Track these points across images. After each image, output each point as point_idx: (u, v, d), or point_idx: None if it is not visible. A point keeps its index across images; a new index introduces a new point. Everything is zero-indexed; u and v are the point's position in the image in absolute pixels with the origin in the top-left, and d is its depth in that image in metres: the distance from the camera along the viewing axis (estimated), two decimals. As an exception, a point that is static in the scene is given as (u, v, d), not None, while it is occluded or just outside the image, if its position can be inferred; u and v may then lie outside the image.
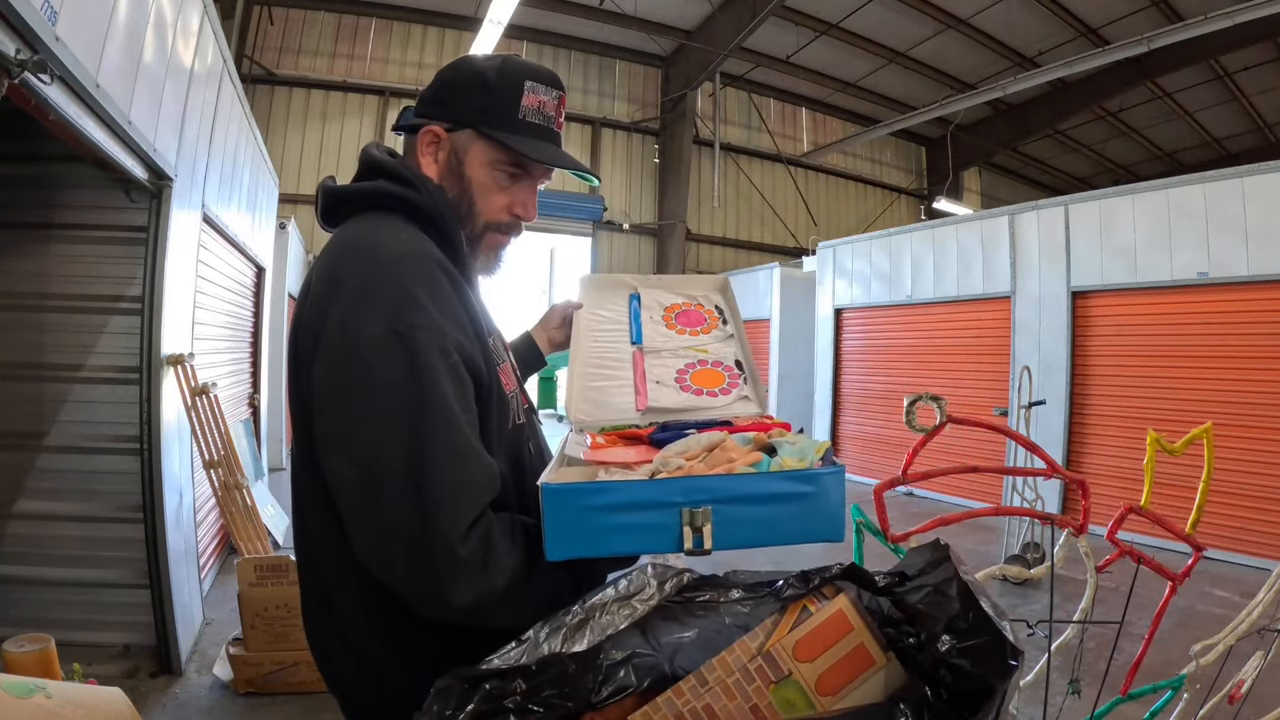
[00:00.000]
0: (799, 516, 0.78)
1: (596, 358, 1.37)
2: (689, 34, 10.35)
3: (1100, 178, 14.24)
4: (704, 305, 1.48)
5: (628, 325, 1.45)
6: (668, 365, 1.34)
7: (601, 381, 1.33)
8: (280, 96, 9.68)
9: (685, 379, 1.30)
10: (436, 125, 0.92)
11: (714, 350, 1.37)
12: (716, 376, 1.31)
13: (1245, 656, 1.62)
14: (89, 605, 2.81)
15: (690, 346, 1.38)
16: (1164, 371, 5.34)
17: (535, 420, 1.06)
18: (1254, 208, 4.78)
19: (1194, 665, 1.52)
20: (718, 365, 1.33)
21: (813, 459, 0.84)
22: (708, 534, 0.75)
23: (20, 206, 2.83)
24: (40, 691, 1.06)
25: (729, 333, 1.40)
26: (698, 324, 1.44)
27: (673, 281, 1.55)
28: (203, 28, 3.04)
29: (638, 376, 1.32)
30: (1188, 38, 7.66)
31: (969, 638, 0.80)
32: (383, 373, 0.76)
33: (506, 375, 0.94)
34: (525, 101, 0.90)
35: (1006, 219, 6.48)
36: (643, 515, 0.76)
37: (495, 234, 0.95)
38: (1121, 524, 1.33)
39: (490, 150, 0.91)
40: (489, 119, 0.90)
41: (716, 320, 1.43)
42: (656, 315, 1.46)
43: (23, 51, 1.58)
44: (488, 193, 0.92)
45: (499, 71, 0.90)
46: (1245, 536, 4.72)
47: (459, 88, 0.92)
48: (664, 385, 1.30)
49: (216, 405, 3.30)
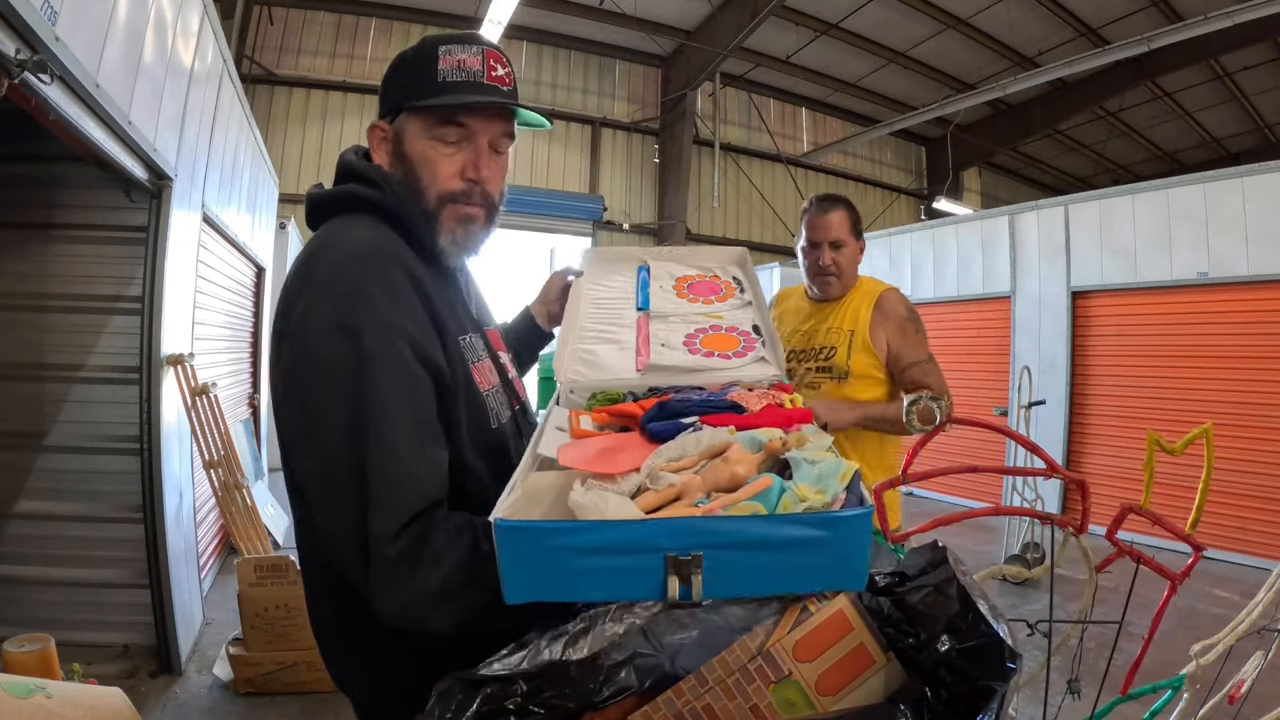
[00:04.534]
0: (811, 566, 0.64)
1: (594, 323, 1.25)
2: (689, 34, 10.35)
3: (1100, 178, 14.23)
4: (720, 276, 1.34)
5: (633, 295, 1.32)
6: (676, 330, 1.20)
7: (598, 345, 1.20)
8: (280, 96, 9.67)
9: (695, 343, 1.16)
10: (380, 121, 0.94)
11: (730, 316, 1.22)
12: (730, 341, 1.16)
13: (1245, 656, 1.62)
14: (89, 605, 2.81)
15: (703, 313, 1.24)
16: (1164, 371, 5.33)
17: (528, 418, 1.04)
18: (1254, 208, 4.78)
19: (1194, 665, 1.52)
20: (733, 330, 1.18)
21: (836, 491, 0.69)
22: (697, 584, 0.63)
23: (20, 206, 2.83)
24: (40, 691, 1.06)
25: (747, 300, 1.25)
26: (713, 293, 1.30)
27: (686, 254, 1.42)
28: (203, 28, 3.04)
29: (640, 339, 1.19)
30: (1188, 38, 7.66)
31: (968, 639, 0.80)
32: (329, 369, 0.77)
33: (483, 373, 0.92)
34: (442, 64, 0.88)
35: (1006, 219, 6.48)
36: (620, 559, 0.63)
37: (454, 205, 0.91)
38: (1121, 524, 1.33)
39: (419, 121, 0.90)
40: (411, 93, 0.89)
41: (734, 290, 1.29)
42: (667, 285, 1.34)
43: (23, 51, 1.58)
44: (430, 163, 0.90)
45: (415, 49, 0.91)
46: (1245, 536, 4.72)
47: (387, 80, 0.94)
48: (670, 349, 1.15)
49: (216, 405, 3.30)
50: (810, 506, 0.66)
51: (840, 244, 1.91)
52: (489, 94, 0.89)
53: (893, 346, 1.86)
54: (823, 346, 1.92)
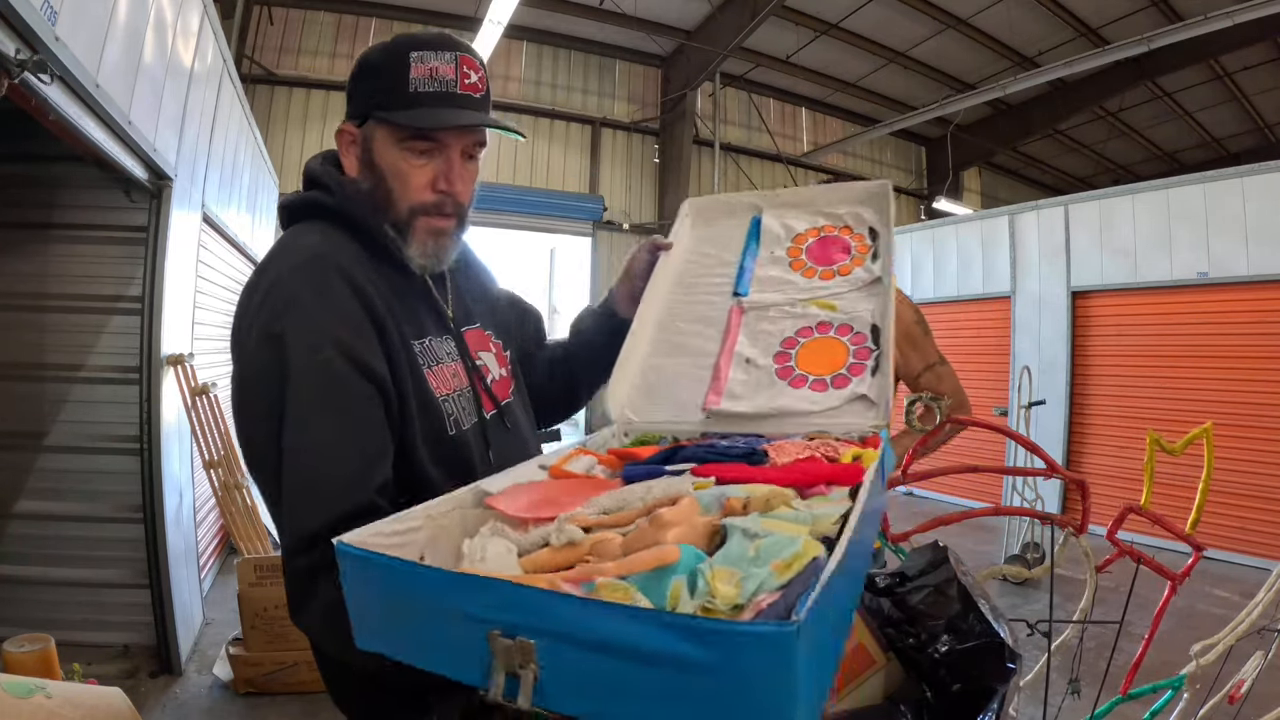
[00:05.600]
0: (687, 697, 0.39)
1: (675, 318, 1.06)
2: (689, 34, 10.34)
3: (1100, 178, 14.23)
4: (852, 227, 1.07)
5: (734, 266, 1.09)
6: (773, 331, 0.99)
7: (671, 358, 1.01)
8: (280, 96, 9.67)
9: (790, 357, 0.94)
10: (348, 123, 0.92)
11: (847, 305, 0.98)
12: (835, 353, 0.92)
13: (1245, 656, 1.62)
14: (89, 605, 2.81)
15: (816, 299, 1.00)
16: (1164, 371, 5.33)
17: (509, 424, 0.98)
18: (1254, 208, 4.78)
19: (1194, 665, 1.52)
20: (844, 332, 0.94)
21: (763, 585, 0.46)
22: (527, 682, 0.44)
23: (20, 206, 2.83)
24: (40, 691, 1.05)
25: (874, 274, 0.99)
26: (836, 258, 1.04)
27: (811, 195, 1.15)
28: (203, 28, 3.04)
29: (723, 353, 0.98)
30: (1188, 38, 7.66)
31: (968, 639, 0.80)
32: (257, 377, 0.79)
33: (442, 377, 0.89)
34: (414, 73, 0.85)
35: (1006, 219, 6.48)
36: (436, 624, 0.49)
37: (426, 217, 0.89)
38: (1121, 524, 1.33)
39: (390, 132, 0.87)
40: (381, 101, 0.87)
41: (866, 251, 1.03)
42: (780, 248, 1.09)
43: (23, 51, 1.58)
44: (402, 176, 0.88)
45: (384, 51, 0.88)
46: (1245, 536, 4.72)
47: (355, 80, 0.91)
48: (755, 368, 0.95)
49: (216, 405, 3.30)
50: (707, 605, 0.45)
51: None
52: (461, 104, 0.87)
53: (902, 354, 1.77)
54: None
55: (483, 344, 1.01)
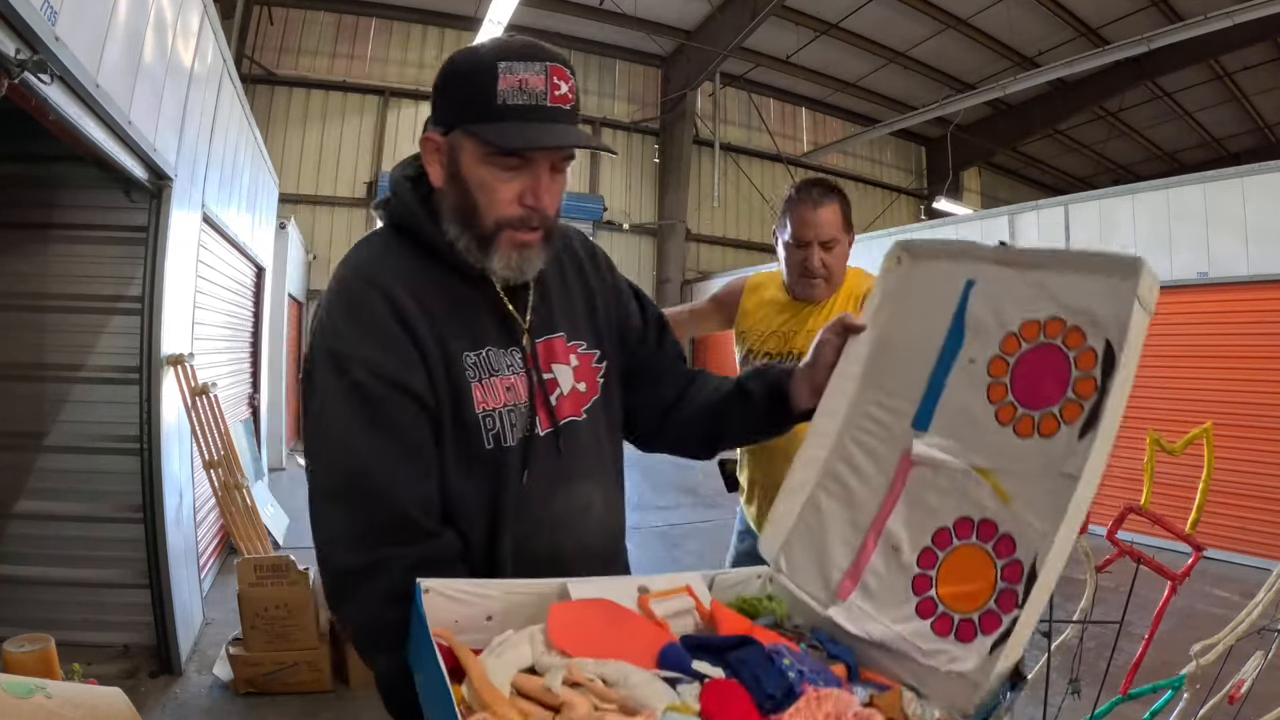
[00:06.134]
0: None
1: (851, 435, 0.88)
2: (689, 34, 10.35)
3: (1100, 178, 14.23)
4: (1084, 333, 0.74)
5: (920, 381, 0.85)
6: (934, 509, 0.78)
7: (834, 500, 0.87)
8: (280, 96, 9.67)
9: (935, 562, 0.76)
10: (433, 131, 0.90)
11: (1022, 502, 0.72)
12: (984, 574, 0.71)
13: (1245, 656, 1.62)
14: (89, 605, 2.81)
15: (993, 471, 0.75)
16: (1164, 371, 5.33)
17: (561, 442, 0.93)
18: (1254, 208, 4.78)
19: (1194, 665, 1.52)
20: (1004, 549, 0.71)
21: None
22: None
23: (20, 206, 2.83)
24: (40, 691, 1.05)
25: (1079, 456, 0.69)
26: (1046, 395, 0.74)
27: (1042, 259, 0.80)
28: (203, 28, 3.04)
29: (877, 520, 0.82)
30: (1188, 38, 7.66)
31: (970, 639, 0.80)
32: (305, 392, 0.87)
33: (490, 390, 0.88)
34: (502, 84, 0.82)
35: (1006, 219, 6.48)
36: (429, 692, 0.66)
37: (511, 231, 0.88)
38: (1121, 524, 1.33)
39: (476, 145, 0.85)
40: (469, 112, 0.84)
41: (1089, 392, 0.71)
42: (983, 354, 0.80)
43: (23, 51, 1.58)
44: (489, 190, 0.86)
45: (473, 60, 0.85)
46: (1245, 536, 4.72)
47: (442, 88, 0.89)
48: (897, 563, 0.78)
49: (216, 405, 3.30)
50: None
51: (833, 243, 1.66)
52: (551, 117, 0.84)
53: None
54: (802, 353, 1.74)
55: (560, 355, 0.97)
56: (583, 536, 0.95)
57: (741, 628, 0.75)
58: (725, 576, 0.88)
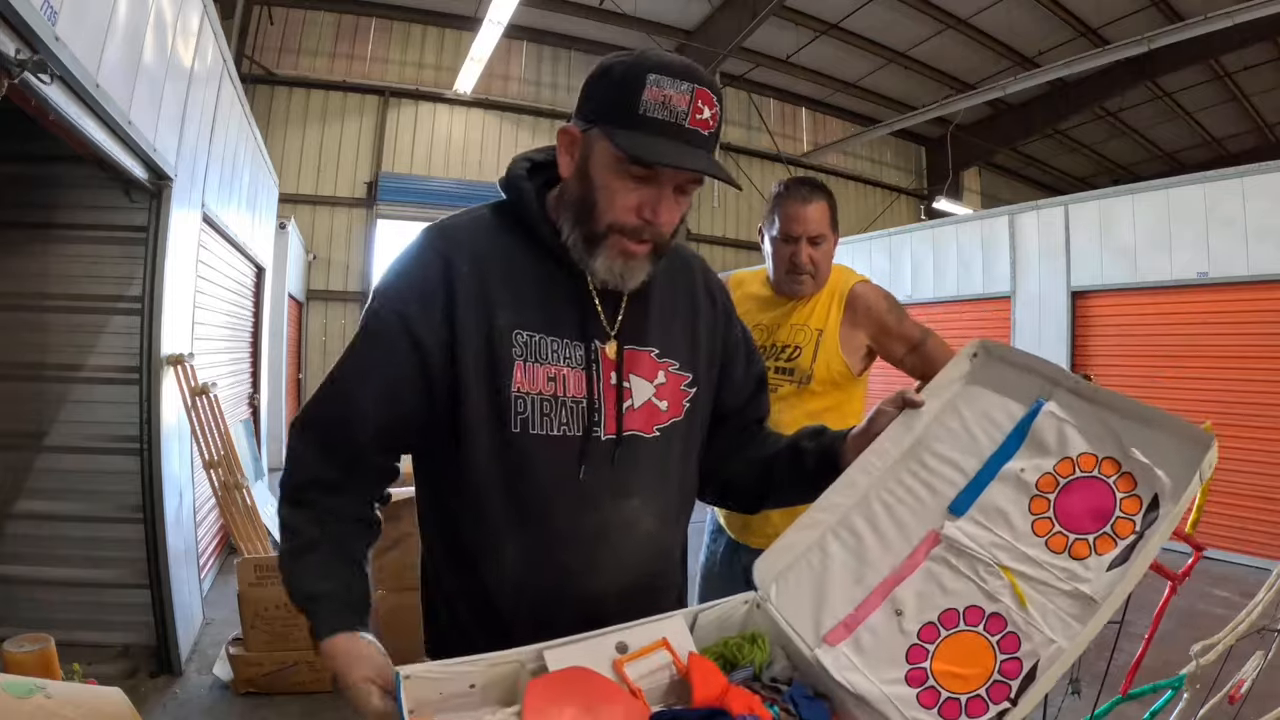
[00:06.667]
0: None
1: (880, 496, 0.91)
2: (689, 34, 10.34)
3: (1100, 178, 14.23)
4: (1138, 480, 0.79)
5: (967, 472, 0.88)
6: (946, 590, 0.81)
7: (845, 550, 0.89)
8: (280, 96, 9.66)
9: (932, 642, 0.78)
10: (573, 124, 0.91)
11: (1038, 610, 0.76)
12: (982, 662, 0.74)
13: (1245, 656, 1.62)
14: (89, 605, 2.81)
15: (1017, 574, 0.78)
16: (1164, 371, 5.33)
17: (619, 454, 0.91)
18: (1254, 208, 4.78)
19: (1194, 665, 1.52)
20: (1009, 645, 0.74)
21: None
22: None
23: (20, 206, 2.83)
24: (40, 691, 1.05)
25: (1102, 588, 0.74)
26: (1084, 525, 0.79)
27: (1120, 406, 0.84)
28: (203, 28, 3.05)
29: (886, 582, 0.85)
30: (1188, 38, 7.66)
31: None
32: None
33: (533, 375, 0.88)
34: (647, 95, 0.82)
35: (1006, 219, 6.48)
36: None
37: (621, 238, 0.87)
38: (1121, 524, 1.33)
39: (608, 148, 0.85)
40: (610, 115, 0.85)
41: (1127, 533, 0.76)
42: (1036, 470, 0.84)
43: (23, 51, 1.58)
44: (611, 194, 0.86)
45: (627, 65, 0.86)
46: (1245, 536, 4.72)
47: (592, 85, 0.90)
48: (898, 628, 0.80)
49: (216, 405, 3.30)
50: None
51: (820, 240, 1.68)
52: (686, 139, 0.84)
53: (880, 346, 1.70)
54: (785, 345, 1.71)
55: (644, 368, 0.95)
56: (622, 554, 0.92)
57: (717, 686, 0.76)
58: (709, 614, 0.88)
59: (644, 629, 0.81)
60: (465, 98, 10.04)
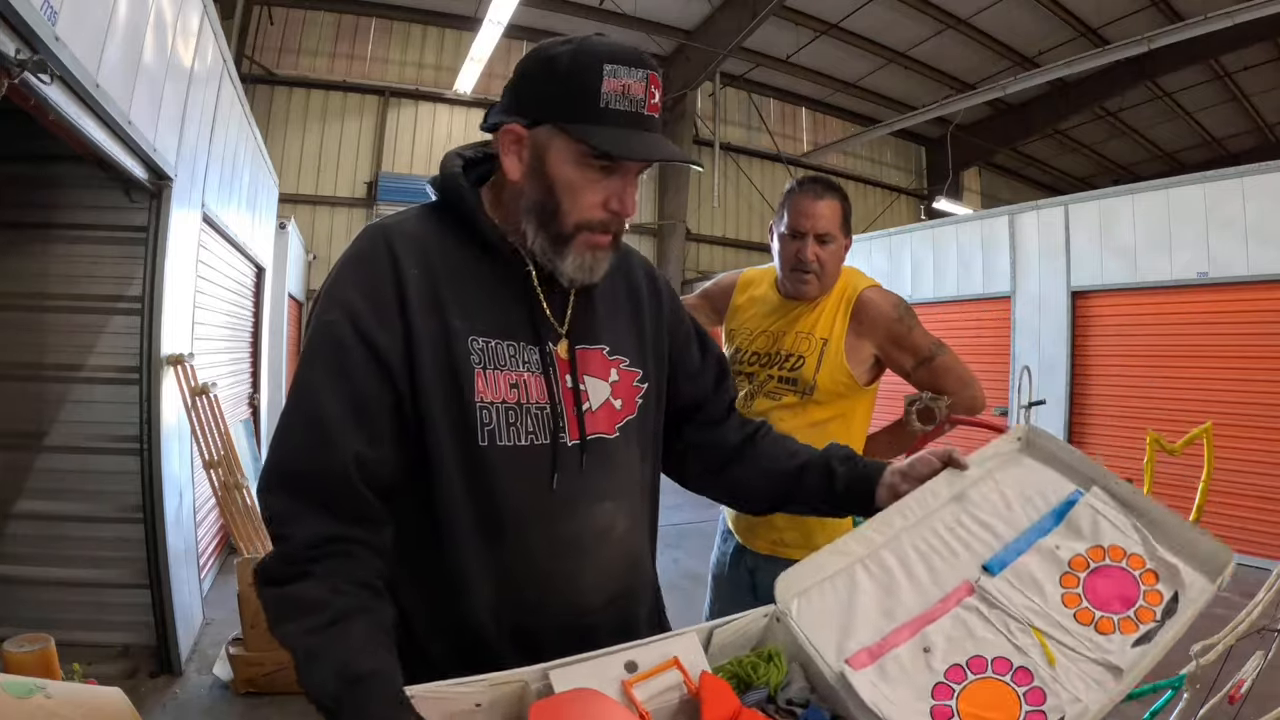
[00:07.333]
0: None
1: (916, 542, 0.92)
2: (689, 34, 10.34)
3: (1100, 178, 14.23)
4: (1160, 577, 0.85)
5: (999, 540, 0.91)
6: (977, 638, 0.82)
7: (874, 582, 0.89)
8: (280, 96, 9.67)
9: (959, 683, 0.78)
10: (515, 123, 0.85)
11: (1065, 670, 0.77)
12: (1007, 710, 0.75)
13: (1245, 656, 1.62)
14: (89, 605, 2.81)
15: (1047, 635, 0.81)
16: (1164, 371, 5.33)
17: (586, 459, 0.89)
18: (1254, 208, 4.78)
19: (1194, 665, 1.51)
20: (1036, 697, 0.76)
21: None
22: None
23: (20, 206, 2.83)
24: (40, 691, 1.05)
25: (1124, 662, 0.78)
26: (1110, 606, 0.83)
27: (1155, 515, 0.91)
28: (203, 28, 3.04)
29: (917, 620, 0.85)
30: (1188, 38, 7.66)
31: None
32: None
33: (492, 382, 0.84)
34: (606, 87, 0.80)
35: (1006, 219, 6.48)
36: None
37: (589, 233, 0.86)
38: (1121, 524, 1.33)
39: (569, 144, 0.82)
40: (568, 111, 0.81)
41: (1148, 620, 0.82)
42: (1070, 550, 0.89)
43: (23, 51, 1.58)
44: (576, 191, 0.84)
45: (573, 56, 0.82)
46: (1245, 536, 4.72)
47: (533, 79, 0.85)
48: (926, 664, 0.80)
49: (216, 405, 3.30)
50: None
51: (828, 238, 1.61)
52: (647, 126, 0.83)
53: (888, 356, 1.64)
54: (789, 353, 1.65)
55: (598, 367, 0.93)
56: (601, 562, 0.89)
57: (729, 708, 0.74)
58: (725, 629, 0.86)
59: (655, 647, 0.79)
60: (465, 98, 10.04)
